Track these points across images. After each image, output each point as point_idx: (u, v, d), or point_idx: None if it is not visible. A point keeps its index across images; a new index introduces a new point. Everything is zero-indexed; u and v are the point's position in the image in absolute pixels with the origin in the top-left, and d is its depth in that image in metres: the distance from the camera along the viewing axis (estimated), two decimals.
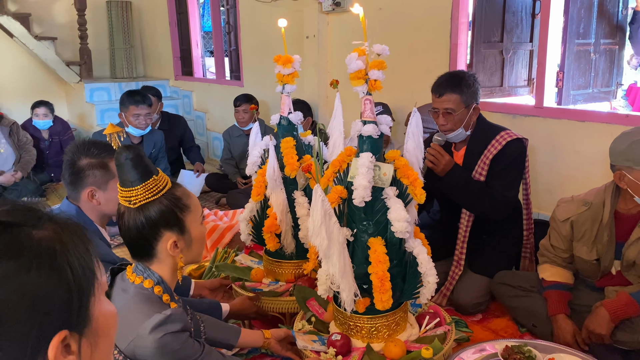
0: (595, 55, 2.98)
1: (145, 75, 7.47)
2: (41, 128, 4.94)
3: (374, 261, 1.71)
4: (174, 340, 1.33)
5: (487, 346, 1.89)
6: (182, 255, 1.44)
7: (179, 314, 1.37)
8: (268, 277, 2.39)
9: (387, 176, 1.75)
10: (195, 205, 1.47)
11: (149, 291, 1.39)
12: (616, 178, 1.97)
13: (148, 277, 1.40)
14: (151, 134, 3.98)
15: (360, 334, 1.84)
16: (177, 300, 1.49)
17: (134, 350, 1.32)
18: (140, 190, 1.36)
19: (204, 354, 1.41)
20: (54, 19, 6.79)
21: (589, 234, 2.09)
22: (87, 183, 1.80)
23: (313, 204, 1.60)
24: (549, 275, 2.21)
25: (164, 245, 1.40)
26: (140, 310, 1.34)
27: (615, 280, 2.10)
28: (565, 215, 2.14)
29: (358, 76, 1.72)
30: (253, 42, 5.22)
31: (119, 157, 1.35)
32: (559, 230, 2.17)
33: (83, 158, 1.80)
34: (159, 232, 1.39)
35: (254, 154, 2.31)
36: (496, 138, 2.37)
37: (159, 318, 1.32)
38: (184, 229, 1.43)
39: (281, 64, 2.18)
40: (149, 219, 1.37)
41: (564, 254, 2.19)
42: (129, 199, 1.36)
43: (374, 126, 1.74)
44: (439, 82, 2.38)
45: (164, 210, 1.38)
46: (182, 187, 1.47)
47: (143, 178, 1.36)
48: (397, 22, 3.69)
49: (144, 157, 1.37)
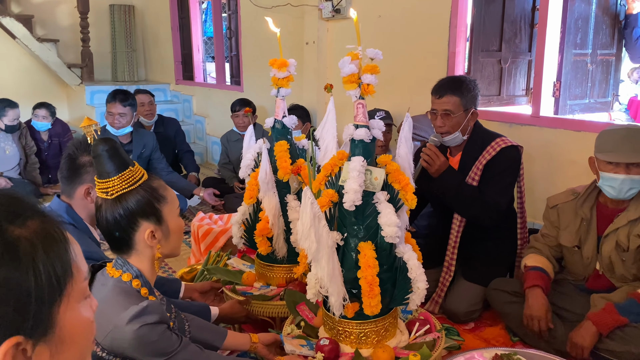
0: (592, 66, 2.99)
1: (147, 79, 7.50)
2: (39, 129, 4.95)
3: (364, 265, 1.70)
4: (151, 332, 1.33)
5: (476, 354, 1.87)
6: (160, 246, 1.45)
7: (156, 305, 1.37)
8: (259, 281, 2.37)
9: (378, 180, 1.75)
10: (172, 197, 1.48)
11: (127, 284, 1.39)
12: (589, 163, 2.12)
13: (127, 271, 1.40)
14: (140, 134, 3.96)
15: (349, 340, 1.82)
16: (157, 295, 1.49)
17: (111, 342, 1.32)
18: (117, 180, 1.37)
19: (181, 346, 1.40)
20: (56, 22, 6.83)
21: (572, 223, 2.18)
22: (86, 180, 1.80)
23: (302, 206, 1.59)
24: (531, 262, 2.25)
25: (142, 236, 1.41)
26: (117, 302, 1.34)
27: (602, 281, 2.11)
28: (554, 202, 2.26)
29: (351, 80, 1.72)
30: (253, 47, 5.24)
31: (95, 149, 1.37)
32: (548, 217, 2.28)
33: (85, 155, 1.81)
34: (136, 222, 1.40)
35: (248, 157, 2.31)
36: (491, 144, 2.37)
37: (136, 310, 1.32)
38: (161, 220, 1.44)
39: (276, 67, 2.18)
40: (126, 209, 1.38)
41: (551, 243, 2.27)
42: (106, 191, 1.37)
43: (366, 130, 1.73)
44: (440, 84, 2.40)
45: (141, 200, 1.40)
46: (159, 179, 1.48)
47: (119, 169, 1.38)
48: (396, 30, 3.70)
49: (120, 149, 1.39)
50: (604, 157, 2.00)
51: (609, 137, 2.02)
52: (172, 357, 1.38)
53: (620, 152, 1.96)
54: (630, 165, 1.95)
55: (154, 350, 1.35)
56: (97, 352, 1.34)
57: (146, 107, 4.48)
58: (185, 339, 1.45)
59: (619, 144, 1.97)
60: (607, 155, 1.99)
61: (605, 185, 2.02)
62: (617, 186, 1.97)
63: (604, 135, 2.04)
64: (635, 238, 1.99)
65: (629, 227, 2.01)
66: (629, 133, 1.99)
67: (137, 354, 1.35)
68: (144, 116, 4.48)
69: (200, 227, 3.08)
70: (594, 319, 1.97)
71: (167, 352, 1.37)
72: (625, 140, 1.97)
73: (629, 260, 2.02)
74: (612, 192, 2.00)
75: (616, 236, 2.03)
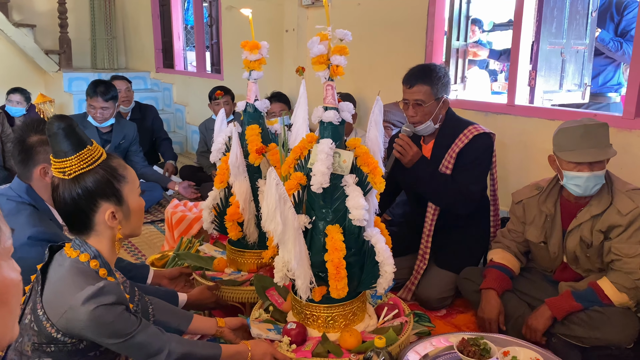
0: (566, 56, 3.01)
1: (127, 67, 7.38)
2: (13, 115, 4.83)
3: (331, 248, 1.69)
4: (107, 313, 1.29)
5: (443, 339, 1.87)
6: (121, 227, 1.42)
7: (113, 286, 1.33)
8: (230, 267, 2.35)
9: (346, 163, 1.73)
10: (132, 177, 1.44)
11: (84, 265, 1.35)
12: (549, 161, 2.10)
13: (84, 251, 1.36)
14: (121, 125, 3.91)
15: (317, 324, 1.81)
16: (118, 277, 1.45)
17: (67, 323, 1.28)
18: (75, 160, 1.32)
19: (140, 327, 1.37)
20: (33, 6, 6.68)
21: (537, 218, 2.17)
22: (39, 160, 1.75)
23: (267, 187, 1.57)
24: (498, 258, 2.25)
25: (102, 217, 1.37)
26: (73, 282, 1.30)
27: (569, 273, 2.12)
28: (519, 198, 2.25)
29: (320, 61, 1.70)
30: (234, 36, 5.18)
31: (50, 127, 1.32)
32: (514, 212, 2.27)
33: (33, 135, 1.75)
34: (95, 202, 1.36)
35: (219, 140, 2.28)
36: (464, 132, 2.36)
37: (92, 290, 1.28)
38: (122, 200, 1.40)
39: (248, 49, 2.15)
40: (85, 190, 1.34)
41: (518, 238, 2.27)
42: (63, 170, 1.33)
43: (335, 112, 1.72)
44: (410, 74, 2.38)
45: (100, 180, 1.35)
46: (118, 158, 1.44)
47: (77, 148, 1.33)
48: (375, 18, 3.68)
49: (77, 127, 1.34)
50: (567, 157, 1.95)
51: (568, 135, 1.96)
52: (130, 339, 1.35)
53: (582, 150, 1.92)
54: (593, 163, 1.93)
55: (111, 331, 1.32)
56: (51, 334, 1.30)
57: (123, 94, 4.41)
58: (145, 321, 1.42)
59: (580, 142, 1.93)
60: (569, 155, 1.94)
61: (570, 184, 1.99)
62: (582, 184, 1.95)
63: (562, 134, 1.98)
64: (598, 233, 1.99)
65: (592, 222, 2.00)
66: (587, 130, 1.93)
67: (93, 335, 1.31)
68: (121, 103, 4.41)
69: (174, 214, 3.04)
70: (550, 304, 2.00)
71: (124, 334, 1.34)
72: (585, 137, 1.93)
73: (593, 256, 2.03)
74: (578, 190, 1.98)
75: (580, 231, 2.03)
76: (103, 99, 3.66)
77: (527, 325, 2.03)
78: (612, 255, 1.96)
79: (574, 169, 1.96)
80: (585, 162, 1.92)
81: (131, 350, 1.38)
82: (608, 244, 1.98)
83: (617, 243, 1.95)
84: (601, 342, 1.92)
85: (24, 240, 1.63)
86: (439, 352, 1.83)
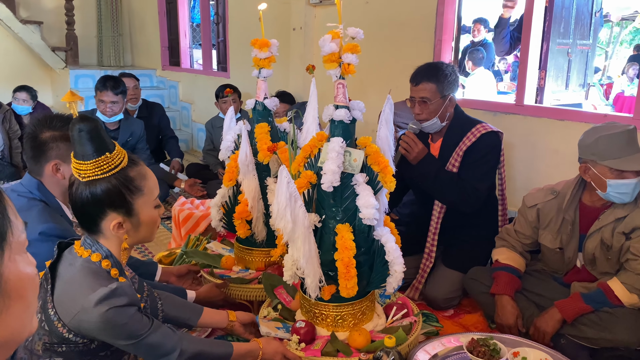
0: (572, 56, 3.00)
1: (133, 65, 7.39)
2: (20, 113, 4.84)
3: (341, 247, 1.68)
4: (119, 315, 1.29)
5: (453, 339, 1.87)
6: (127, 236, 1.39)
7: (126, 287, 1.32)
8: (238, 265, 2.35)
9: (357, 162, 1.73)
10: (150, 188, 1.40)
11: (96, 265, 1.34)
12: (581, 170, 2.01)
13: (96, 251, 1.35)
14: (129, 122, 3.91)
15: (326, 322, 1.81)
16: (129, 275, 1.45)
17: (79, 324, 1.28)
18: (90, 166, 1.30)
19: (152, 328, 1.37)
20: (40, 3, 6.70)
21: (554, 223, 2.13)
22: (51, 156, 1.74)
23: (278, 185, 1.57)
24: (504, 258, 2.24)
25: (108, 225, 1.36)
26: (85, 283, 1.29)
27: (581, 275, 2.10)
28: (533, 202, 2.20)
29: (331, 59, 1.69)
30: (240, 34, 5.18)
31: (73, 127, 1.30)
32: (526, 216, 2.22)
33: (46, 131, 1.74)
34: (103, 210, 1.34)
35: (228, 138, 2.28)
36: (471, 130, 2.36)
37: (104, 292, 1.27)
38: (132, 212, 1.37)
39: (257, 47, 2.15)
40: (94, 196, 1.32)
41: (525, 240, 2.24)
42: (79, 172, 1.32)
43: (345, 111, 1.71)
44: (416, 71, 2.38)
45: (111, 190, 1.32)
46: (140, 167, 1.39)
47: (96, 154, 1.30)
48: (383, 17, 3.67)
49: (101, 130, 1.31)
50: (617, 165, 1.86)
51: (613, 143, 1.88)
52: (142, 339, 1.35)
53: (630, 157, 1.86)
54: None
55: (123, 332, 1.31)
56: (63, 334, 1.30)
57: (131, 92, 4.41)
58: (157, 321, 1.42)
59: (626, 149, 1.87)
60: (617, 163, 1.87)
61: (614, 193, 1.91)
62: (630, 191, 1.89)
63: (604, 141, 1.89)
64: (619, 235, 1.95)
65: (614, 224, 1.97)
66: (630, 136, 1.89)
67: (105, 336, 1.31)
68: (129, 100, 4.42)
69: (181, 211, 3.04)
70: (559, 306, 1.98)
71: (136, 335, 1.34)
72: (630, 143, 1.88)
73: (614, 258, 1.99)
74: (625, 198, 1.92)
75: (600, 233, 1.99)
76: (113, 92, 3.66)
77: (535, 327, 2.01)
78: (629, 255, 1.94)
79: (618, 177, 1.89)
80: (635, 169, 1.86)
81: (143, 351, 1.38)
82: (628, 244, 1.95)
83: (636, 243, 1.92)
84: (611, 344, 1.90)
85: (35, 236, 1.62)
86: (449, 352, 1.83)
